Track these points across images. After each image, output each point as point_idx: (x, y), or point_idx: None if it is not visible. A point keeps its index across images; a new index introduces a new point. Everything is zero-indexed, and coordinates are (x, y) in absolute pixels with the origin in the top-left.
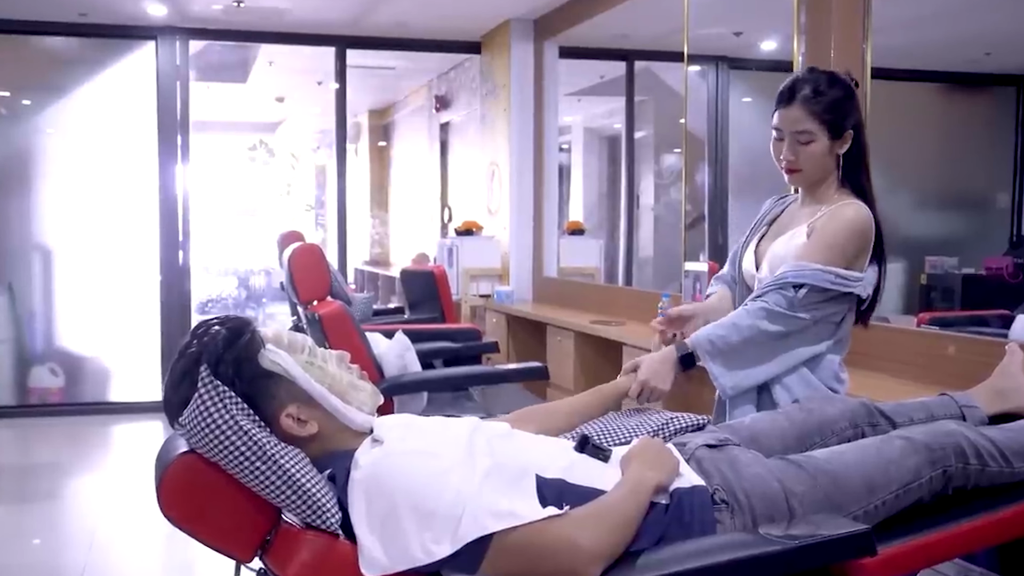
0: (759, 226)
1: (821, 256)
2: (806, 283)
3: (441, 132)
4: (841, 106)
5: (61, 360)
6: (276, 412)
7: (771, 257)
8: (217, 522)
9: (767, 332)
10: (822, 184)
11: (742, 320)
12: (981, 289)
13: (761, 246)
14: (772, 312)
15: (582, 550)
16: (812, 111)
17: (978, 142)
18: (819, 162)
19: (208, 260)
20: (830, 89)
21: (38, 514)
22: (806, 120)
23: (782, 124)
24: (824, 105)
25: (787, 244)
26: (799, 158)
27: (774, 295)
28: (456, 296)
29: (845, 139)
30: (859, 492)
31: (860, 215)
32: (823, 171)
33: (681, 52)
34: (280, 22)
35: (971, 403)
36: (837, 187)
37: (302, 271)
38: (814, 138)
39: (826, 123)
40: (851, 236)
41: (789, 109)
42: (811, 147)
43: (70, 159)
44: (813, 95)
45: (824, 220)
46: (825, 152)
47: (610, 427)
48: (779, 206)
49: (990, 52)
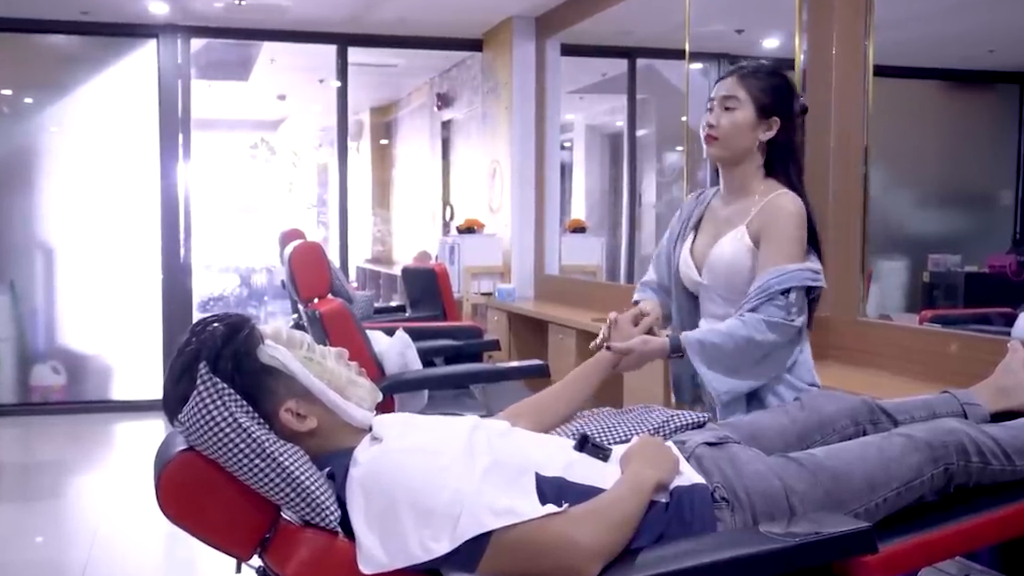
0: (685, 229)
1: (788, 256)
2: (792, 286)
3: (443, 130)
4: (773, 91)
5: (63, 358)
6: (275, 408)
7: (714, 260)
8: (216, 520)
9: (764, 343)
10: (740, 166)
11: (738, 331)
12: (984, 287)
13: (697, 249)
14: (771, 323)
15: (581, 548)
16: (744, 83)
17: (981, 139)
18: (739, 133)
19: (209, 258)
20: (768, 75)
21: (40, 512)
22: (736, 88)
23: (715, 93)
24: (757, 83)
25: (733, 246)
26: (720, 124)
27: (768, 307)
28: (457, 294)
29: (771, 124)
30: (860, 490)
31: (797, 204)
32: (740, 146)
33: (683, 50)
34: (281, 20)
35: (973, 401)
36: (761, 176)
37: (303, 269)
38: (739, 106)
39: (754, 98)
40: (800, 226)
41: (724, 81)
42: (734, 114)
43: (72, 157)
44: (750, 72)
45: (766, 218)
46: (747, 125)
47: (609, 425)
48: (700, 204)
49: (993, 49)
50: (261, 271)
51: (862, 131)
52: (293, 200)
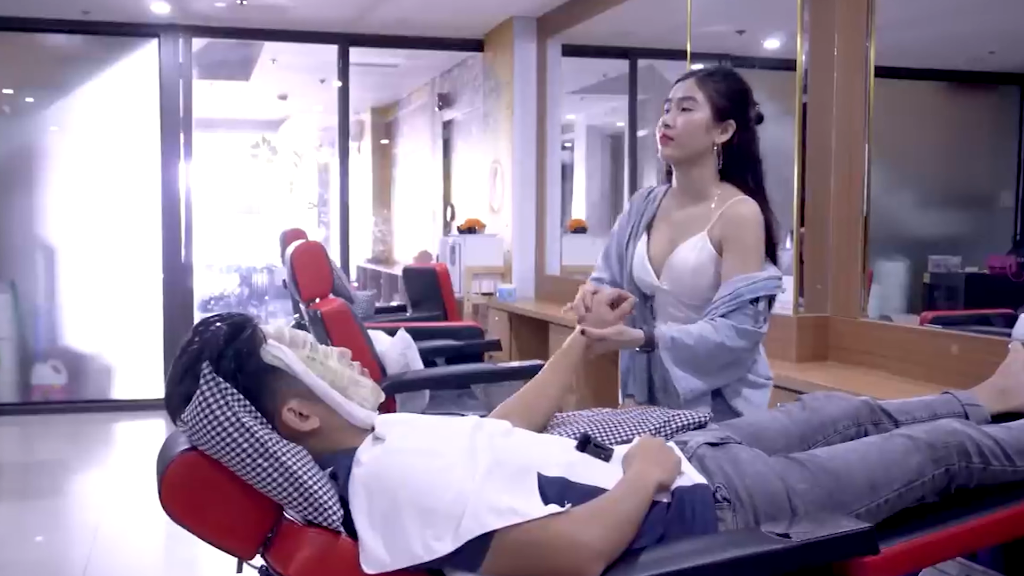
0: (638, 228)
1: (754, 265)
2: (761, 295)
3: (444, 130)
4: (730, 94)
5: (64, 357)
6: (278, 407)
7: (677, 267)
8: (219, 519)
9: (735, 349)
10: (695, 168)
11: (711, 336)
12: (984, 288)
13: (654, 252)
14: (741, 330)
15: (584, 548)
16: (701, 85)
17: (981, 140)
18: (694, 133)
19: (211, 258)
20: (726, 78)
21: (41, 511)
22: (694, 90)
23: (672, 95)
24: (715, 85)
25: (697, 255)
26: (676, 124)
27: (738, 314)
28: (458, 294)
29: (726, 127)
30: (861, 490)
31: (755, 211)
32: (695, 147)
33: (684, 50)
34: (283, 19)
35: (974, 401)
36: (717, 180)
37: (304, 269)
38: (695, 107)
39: (711, 100)
40: (760, 235)
41: (682, 83)
42: (690, 115)
43: (73, 157)
44: (708, 75)
45: (728, 227)
46: (702, 126)
47: (611, 425)
48: (651, 203)
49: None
50: (262, 271)
51: (863, 132)
52: (294, 200)
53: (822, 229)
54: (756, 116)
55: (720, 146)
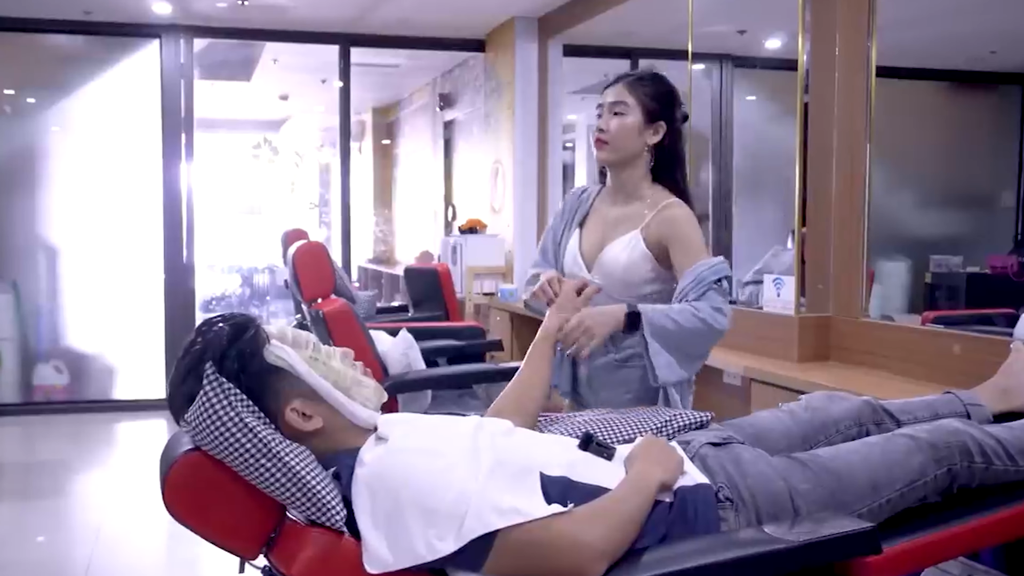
0: (570, 225)
1: (703, 255)
2: (723, 276)
3: (445, 130)
4: (659, 96)
5: (66, 358)
6: (281, 407)
7: (608, 263)
8: (222, 519)
9: (716, 330)
10: (628, 169)
11: (691, 315)
12: (986, 287)
13: (585, 248)
14: (718, 309)
15: (586, 547)
16: (631, 89)
17: (982, 140)
18: (627, 136)
19: (212, 258)
20: (653, 81)
21: (43, 511)
22: (624, 94)
23: (603, 100)
24: (644, 89)
25: (628, 252)
26: (609, 128)
27: (710, 296)
28: (460, 294)
29: (656, 129)
30: (864, 490)
31: (688, 211)
32: (629, 150)
33: (685, 50)
34: (284, 20)
35: (976, 401)
36: (649, 182)
37: (306, 269)
38: (627, 111)
39: (641, 103)
40: (698, 229)
41: (613, 87)
42: (623, 119)
43: (74, 157)
44: (637, 79)
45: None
46: (634, 129)
47: (613, 424)
48: (584, 202)
49: (995, 50)
50: (263, 271)
51: (864, 132)
52: (295, 200)
53: (823, 229)
54: (682, 116)
55: (651, 147)
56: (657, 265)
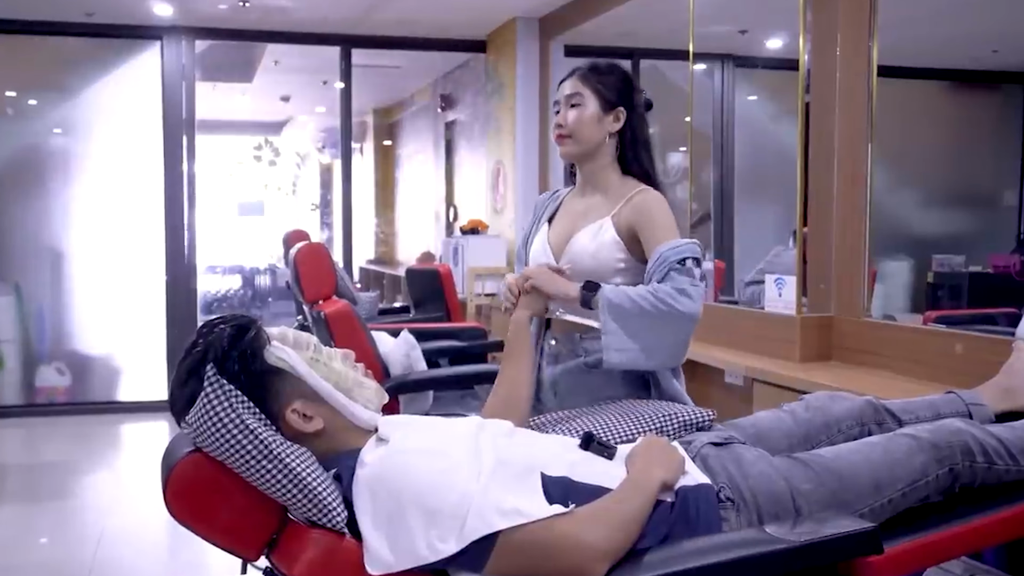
0: (539, 223)
1: (672, 236)
2: (687, 256)
3: (446, 131)
4: (613, 84)
5: (68, 359)
6: (282, 408)
7: (577, 252)
8: (223, 521)
9: (679, 311)
10: (594, 160)
11: (645, 295)
12: (988, 287)
13: (553, 239)
14: (679, 289)
15: (588, 548)
16: (585, 80)
17: (984, 140)
18: (588, 128)
19: (213, 259)
20: (607, 70)
21: (45, 513)
22: (579, 86)
23: (560, 95)
24: (597, 78)
25: (598, 239)
26: (569, 122)
27: (674, 275)
28: (461, 295)
29: (616, 116)
30: (865, 490)
31: (660, 196)
32: (591, 140)
33: (686, 50)
34: (285, 21)
35: (978, 401)
36: (619, 173)
37: (308, 270)
38: (583, 102)
39: (597, 92)
40: (670, 213)
41: (566, 82)
42: (581, 111)
43: (76, 159)
44: (590, 70)
45: (637, 214)
46: (594, 119)
47: (614, 424)
48: (554, 201)
49: (997, 50)
50: (265, 272)
51: (866, 131)
52: (297, 201)
53: (825, 229)
54: (644, 102)
55: (615, 135)
56: (628, 255)
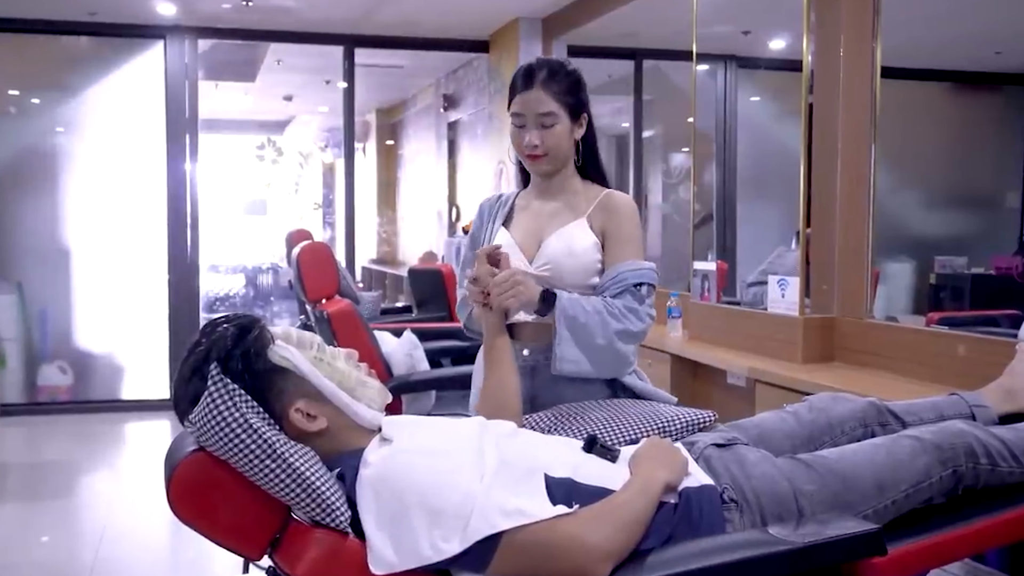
0: (493, 228)
1: (637, 254)
2: (644, 282)
3: (449, 131)
4: (572, 88)
5: (70, 358)
6: (285, 408)
7: (552, 252)
8: (227, 520)
9: (627, 329)
10: (566, 168)
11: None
12: (990, 289)
13: (522, 241)
14: (631, 309)
15: (591, 549)
16: (553, 92)
17: (987, 141)
18: (563, 145)
19: (216, 258)
20: (564, 73)
21: (47, 512)
22: (549, 102)
23: (524, 109)
24: (563, 86)
25: (582, 239)
26: (545, 142)
27: (624, 296)
28: None
29: (581, 122)
30: (869, 492)
31: (631, 201)
32: (566, 154)
33: (689, 51)
34: (288, 21)
35: (981, 403)
36: (579, 177)
37: (310, 269)
38: (557, 120)
39: (567, 104)
40: (639, 224)
41: (530, 92)
42: (555, 129)
43: (79, 158)
44: (550, 77)
45: (609, 216)
46: (567, 134)
47: (617, 425)
48: (503, 205)
49: (1000, 51)
50: (267, 271)
51: (869, 133)
52: (299, 201)
53: (828, 230)
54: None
55: (578, 141)
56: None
